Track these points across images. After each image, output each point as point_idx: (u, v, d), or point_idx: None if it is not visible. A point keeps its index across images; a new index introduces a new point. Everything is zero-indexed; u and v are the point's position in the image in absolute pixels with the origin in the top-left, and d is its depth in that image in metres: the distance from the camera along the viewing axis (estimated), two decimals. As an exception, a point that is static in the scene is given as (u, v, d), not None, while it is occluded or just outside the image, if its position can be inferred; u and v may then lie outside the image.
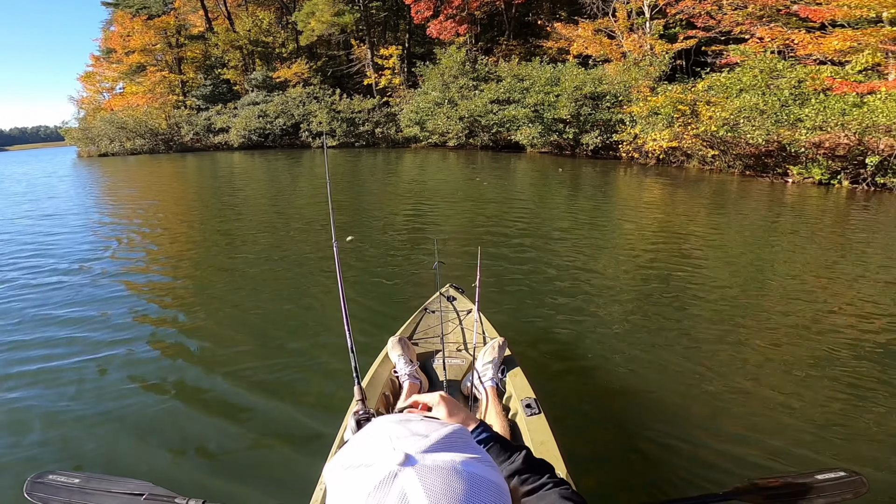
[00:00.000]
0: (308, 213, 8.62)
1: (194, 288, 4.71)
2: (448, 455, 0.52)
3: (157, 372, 3.13)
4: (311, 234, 6.71)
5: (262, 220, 8.04)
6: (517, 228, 7.08)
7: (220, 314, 4.02)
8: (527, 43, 21.58)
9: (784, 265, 5.29)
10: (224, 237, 6.86)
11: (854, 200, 9.85)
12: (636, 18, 16.72)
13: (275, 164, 17.18)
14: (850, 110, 10.30)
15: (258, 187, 11.87)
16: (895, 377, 3.06)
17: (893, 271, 5.04)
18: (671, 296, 4.32)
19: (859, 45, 11.36)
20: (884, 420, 2.63)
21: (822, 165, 11.50)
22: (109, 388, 2.99)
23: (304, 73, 26.15)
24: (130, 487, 1.48)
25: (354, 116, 22.46)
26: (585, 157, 16.91)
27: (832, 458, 2.33)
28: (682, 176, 13.11)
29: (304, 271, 5.03)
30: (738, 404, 2.75)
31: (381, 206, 9.15)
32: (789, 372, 3.07)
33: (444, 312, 2.65)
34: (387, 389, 2.11)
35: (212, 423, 2.61)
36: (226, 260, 5.69)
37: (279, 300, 4.25)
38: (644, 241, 6.35)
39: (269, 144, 23.91)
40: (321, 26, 25.56)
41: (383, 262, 5.36)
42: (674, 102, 13.34)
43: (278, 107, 24.23)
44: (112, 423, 2.64)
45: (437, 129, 19.90)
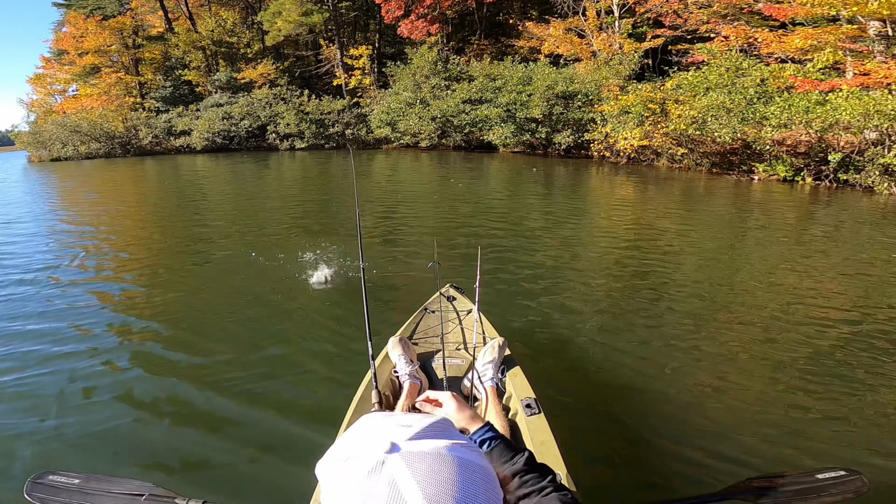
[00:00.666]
0: (280, 217, 8.44)
1: (169, 297, 4.57)
2: (432, 441, 0.54)
3: (150, 379, 3.13)
4: (285, 239, 6.55)
5: (230, 225, 7.82)
6: (500, 228, 7.12)
7: (202, 321, 3.98)
8: (498, 42, 21.78)
9: (760, 262, 5.43)
10: (192, 243, 6.64)
11: (817, 197, 10.27)
12: (605, 17, 17.07)
13: (241, 167, 16.78)
14: (814, 108, 10.69)
15: (225, 191, 11.57)
16: (875, 365, 3.15)
17: (856, 265, 5.26)
18: (669, 295, 4.38)
19: (819, 43, 11.84)
20: (879, 416, 2.65)
21: (787, 163, 11.93)
22: (107, 389, 3.01)
23: (271, 74, 25.69)
24: (131, 488, 1.47)
25: (324, 118, 22.17)
26: (557, 157, 17.12)
27: (826, 452, 2.36)
28: (652, 174, 13.41)
29: (278, 275, 4.94)
30: (738, 404, 2.77)
31: (354, 209, 8.93)
32: (788, 370, 3.11)
33: (444, 312, 2.66)
34: (387, 389, 2.13)
35: (210, 425, 2.63)
36: (197, 267, 5.52)
37: (258, 306, 4.21)
38: (631, 240, 6.47)
39: (234, 147, 23.36)
40: (288, 26, 25.18)
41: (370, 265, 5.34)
42: (644, 101, 13.64)
43: (243, 108, 23.73)
44: (110, 425, 2.65)
45: (409, 130, 19.82)
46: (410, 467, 0.52)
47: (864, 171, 10.68)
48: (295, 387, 2.97)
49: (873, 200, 9.68)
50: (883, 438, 2.47)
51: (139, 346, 3.60)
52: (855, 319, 3.83)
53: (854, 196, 10.19)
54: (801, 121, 10.86)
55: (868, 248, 6.01)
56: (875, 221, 7.71)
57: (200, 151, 23.24)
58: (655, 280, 4.79)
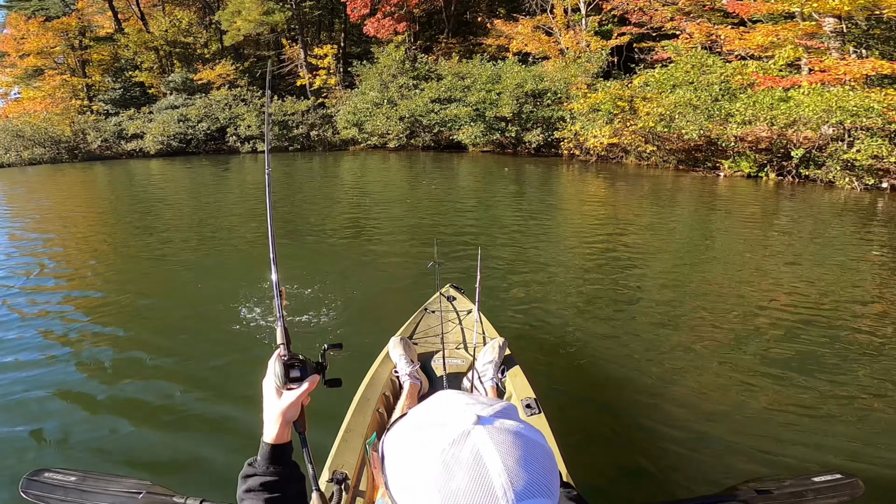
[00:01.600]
0: (243, 221, 8.22)
1: (157, 301, 4.58)
2: (509, 421, 0.58)
3: (147, 380, 3.18)
4: (252, 246, 6.45)
5: (190, 231, 7.64)
6: (486, 229, 7.18)
7: (191, 325, 4.03)
8: (466, 41, 21.89)
9: (762, 259, 5.61)
10: (150, 249, 6.48)
11: (781, 192, 10.68)
12: (573, 15, 17.38)
13: (200, 171, 16.27)
14: (778, 105, 11.05)
15: (183, 196, 11.15)
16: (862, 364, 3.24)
17: (822, 259, 5.56)
18: (669, 294, 4.45)
19: (779, 39, 12.29)
20: (870, 415, 2.73)
21: (750, 159, 12.31)
22: (106, 390, 3.08)
23: (230, 75, 25.05)
24: (128, 485, 1.47)
25: (287, 119, 21.71)
26: (527, 156, 17.27)
27: (824, 455, 2.41)
28: (622, 172, 13.70)
29: (248, 279, 4.93)
30: (739, 406, 2.82)
31: (323, 212, 8.85)
32: (788, 373, 3.18)
33: (444, 312, 2.70)
34: (387, 389, 2.15)
35: (208, 424, 2.68)
36: (180, 271, 5.48)
37: (247, 307, 4.25)
38: (618, 239, 6.62)
39: (191, 150, 22.60)
40: (248, 25, 24.66)
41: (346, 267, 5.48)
42: (613, 98, 13.86)
43: (201, 110, 23.02)
44: (109, 425, 2.70)
45: (377, 131, 19.62)
46: (493, 440, 0.55)
47: (825, 167, 11.12)
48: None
49: (835, 195, 10.11)
50: (878, 441, 2.50)
51: (127, 351, 3.61)
52: (835, 317, 3.95)
53: (816, 191, 10.63)
54: (765, 117, 11.21)
55: (834, 244, 6.32)
56: (837, 214, 8.16)
57: (154, 155, 22.41)
58: (655, 280, 4.86)
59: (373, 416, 1.96)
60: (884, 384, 3.02)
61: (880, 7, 9.72)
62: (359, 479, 1.65)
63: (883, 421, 2.68)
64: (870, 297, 4.41)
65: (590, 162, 15.52)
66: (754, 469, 2.29)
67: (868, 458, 2.39)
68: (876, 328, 3.78)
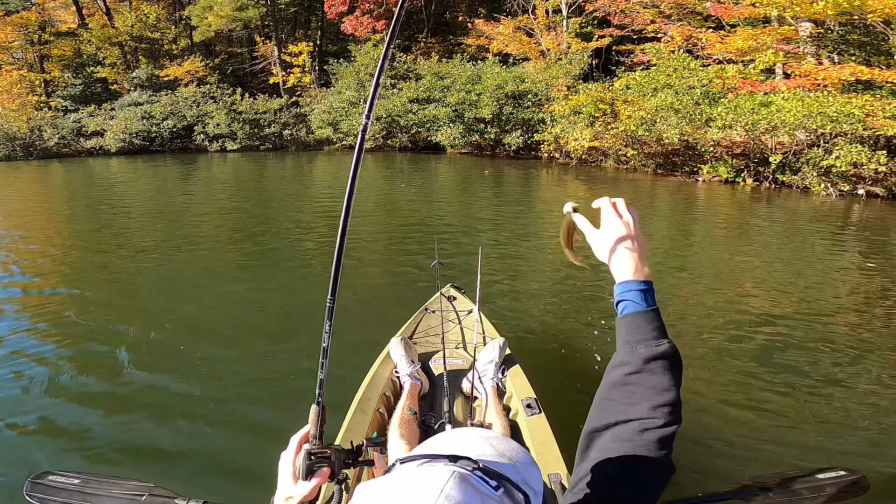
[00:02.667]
0: (212, 222, 7.94)
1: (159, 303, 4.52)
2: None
3: (149, 381, 3.22)
4: (220, 251, 6.26)
5: (157, 233, 7.33)
6: (473, 230, 7.18)
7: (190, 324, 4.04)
8: (446, 40, 21.81)
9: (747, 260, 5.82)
10: (119, 255, 6.20)
11: (758, 197, 10.81)
12: (554, 17, 17.45)
13: (163, 170, 15.69)
14: (759, 109, 11.12)
15: (145, 198, 10.62)
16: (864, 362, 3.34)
17: (797, 263, 5.80)
18: (667, 292, 4.59)
19: (758, 44, 12.46)
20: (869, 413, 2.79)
21: (728, 164, 12.39)
22: (101, 393, 3.11)
23: (199, 71, 24.43)
24: (130, 488, 1.50)
25: (259, 118, 21.20)
26: (506, 158, 17.20)
27: (826, 453, 2.45)
28: (602, 176, 13.70)
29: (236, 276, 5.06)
30: (739, 403, 2.89)
31: (296, 215, 8.60)
32: (785, 371, 3.28)
33: (444, 312, 2.74)
34: (387, 389, 2.19)
35: (211, 425, 2.72)
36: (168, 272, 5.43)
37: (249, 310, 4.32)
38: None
39: (156, 149, 21.87)
40: (220, 21, 24.12)
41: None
42: (595, 101, 13.85)
43: (166, 107, 22.35)
44: (112, 428, 2.74)
45: (353, 131, 19.29)
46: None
47: (801, 173, 11.24)
48: (295, 386, 3.07)
49: (811, 201, 10.23)
50: (882, 438, 2.53)
51: (135, 349, 3.61)
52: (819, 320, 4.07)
53: (792, 197, 10.75)
54: (747, 122, 11.26)
55: (810, 250, 6.52)
56: (815, 220, 8.33)
57: (116, 153, 21.62)
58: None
59: (373, 415, 1.99)
60: (882, 381, 3.11)
61: (864, 12, 9.87)
62: (359, 479, 1.67)
63: (885, 418, 2.72)
64: (853, 302, 4.57)
65: (570, 165, 15.49)
66: (758, 467, 2.29)
67: (872, 456, 2.41)
68: (868, 329, 3.92)
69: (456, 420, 2.06)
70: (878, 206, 9.81)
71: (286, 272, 5.22)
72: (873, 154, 9.82)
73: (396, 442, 1.76)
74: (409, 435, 1.82)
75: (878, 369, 3.29)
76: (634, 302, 0.84)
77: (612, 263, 0.88)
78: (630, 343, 0.82)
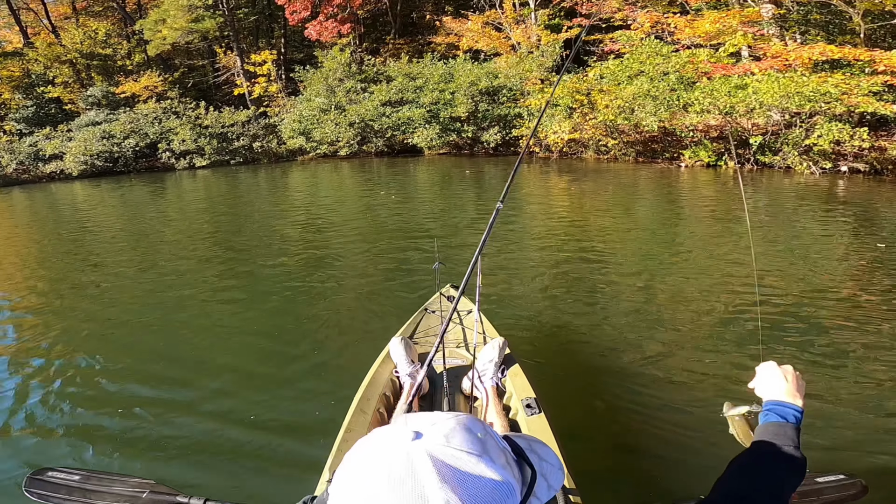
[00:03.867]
0: (187, 242, 7.75)
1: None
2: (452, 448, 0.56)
3: (151, 380, 3.31)
4: (197, 273, 6.07)
5: (132, 254, 7.20)
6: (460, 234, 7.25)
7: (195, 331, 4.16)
8: (415, 40, 21.73)
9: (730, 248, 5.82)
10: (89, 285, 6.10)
11: (742, 179, 11.05)
12: (522, 10, 17.58)
13: (130, 192, 15.20)
14: (735, 92, 11.39)
15: (114, 222, 10.24)
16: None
17: (782, 244, 5.85)
18: (666, 291, 4.56)
19: (725, 27, 12.78)
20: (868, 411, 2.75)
21: (708, 148, 12.69)
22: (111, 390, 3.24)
23: (158, 86, 23.82)
24: (132, 485, 1.50)
25: (226, 131, 20.74)
26: (485, 156, 17.27)
27: (825, 454, 2.45)
28: (584, 167, 13.87)
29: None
30: (733, 397, 2.88)
31: (274, 230, 8.41)
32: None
33: (444, 312, 2.78)
34: (387, 389, 2.22)
35: (212, 422, 2.77)
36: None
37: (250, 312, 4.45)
38: (608, 237, 6.81)
39: (120, 170, 21.19)
40: (175, 34, 23.53)
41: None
42: (571, 93, 14.01)
43: (126, 126, 21.68)
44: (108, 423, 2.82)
45: (326, 138, 19.09)
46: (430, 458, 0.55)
47: (781, 153, 11.58)
48: (295, 386, 3.13)
49: (795, 180, 10.57)
50: (881, 440, 2.54)
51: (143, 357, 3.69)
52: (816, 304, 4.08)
53: (776, 177, 11.07)
54: (724, 105, 11.52)
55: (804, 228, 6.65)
56: (803, 198, 8.61)
57: (78, 177, 20.86)
58: (650, 277, 4.98)
59: (373, 415, 2.01)
60: (877, 377, 3.08)
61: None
62: None
63: (883, 416, 2.72)
64: (850, 286, 4.56)
65: (551, 159, 15.64)
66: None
67: (870, 459, 2.43)
68: (870, 320, 3.88)
69: None
70: (860, 181, 10.21)
71: (268, 286, 5.24)
72: (855, 131, 10.14)
73: None
74: None
75: (878, 363, 3.24)
76: (780, 415, 1.09)
77: (766, 389, 1.16)
78: (772, 436, 1.05)
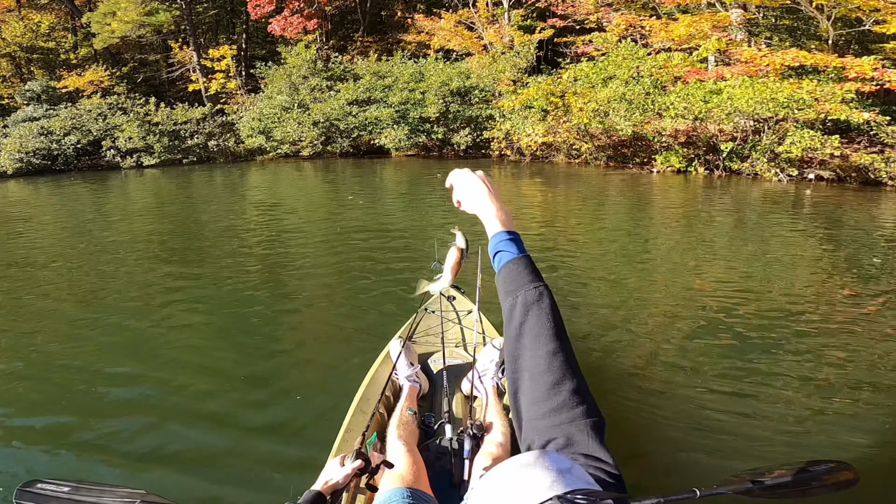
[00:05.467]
0: (133, 245, 7.28)
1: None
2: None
3: (150, 384, 3.33)
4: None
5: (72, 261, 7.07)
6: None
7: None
8: (384, 39, 21.31)
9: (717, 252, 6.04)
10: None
11: (712, 186, 11.17)
12: (495, 9, 17.47)
13: (70, 192, 14.11)
14: (710, 98, 11.40)
15: (52, 226, 9.34)
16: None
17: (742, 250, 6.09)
18: (664, 290, 4.72)
19: (697, 31, 12.91)
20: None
21: (679, 154, 12.67)
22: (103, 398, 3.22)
23: (104, 81, 22.54)
24: (122, 495, 1.53)
25: (179, 129, 19.69)
26: (455, 158, 16.93)
27: (818, 444, 2.57)
28: (556, 171, 13.75)
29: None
30: (736, 400, 2.98)
31: (231, 234, 7.90)
32: (781, 367, 3.38)
33: (444, 312, 2.80)
34: (387, 390, 2.24)
35: (207, 430, 2.80)
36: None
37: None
38: (593, 237, 6.99)
39: (59, 168, 19.77)
40: (125, 27, 22.37)
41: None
42: (545, 94, 13.81)
43: (67, 122, 20.35)
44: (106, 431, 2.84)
45: (288, 138, 18.34)
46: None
47: (750, 160, 11.64)
48: (293, 391, 3.14)
49: (764, 187, 10.65)
50: (871, 428, 2.64)
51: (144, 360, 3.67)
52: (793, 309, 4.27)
53: (745, 184, 11.16)
54: (700, 111, 11.51)
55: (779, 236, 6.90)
56: (771, 207, 8.83)
57: (13, 175, 19.34)
58: (648, 275, 5.16)
59: (373, 416, 2.02)
60: (864, 368, 3.26)
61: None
62: (354, 498, 1.69)
63: (872, 408, 2.85)
64: (818, 288, 4.83)
65: (523, 163, 15.39)
66: (743, 461, 2.40)
67: (862, 446, 2.51)
68: (842, 313, 4.14)
69: (455, 420, 2.08)
70: (824, 188, 10.40)
71: (225, 293, 5.11)
72: (826, 139, 10.22)
73: (395, 442, 1.79)
74: (408, 435, 1.86)
75: (860, 355, 3.44)
76: (508, 251, 0.90)
77: (481, 216, 0.98)
78: (511, 293, 0.86)
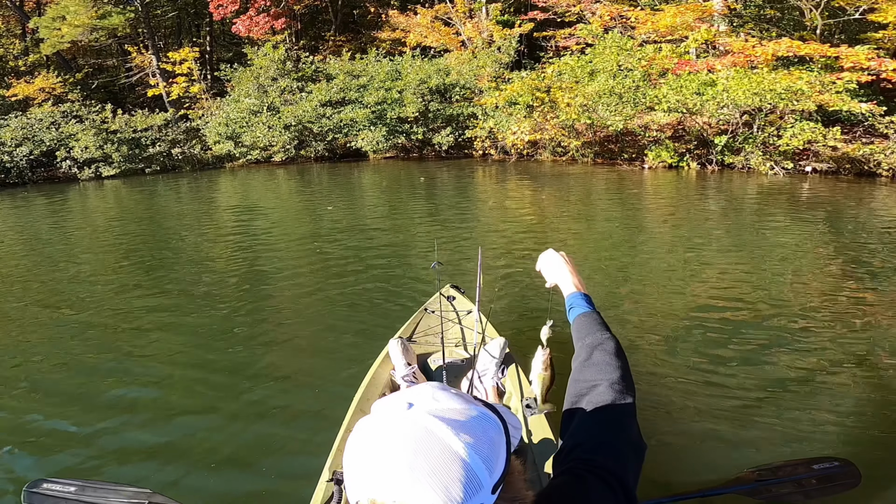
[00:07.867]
0: (97, 263, 7.02)
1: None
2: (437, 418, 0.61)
3: (150, 385, 3.41)
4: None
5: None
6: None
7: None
8: (358, 38, 20.73)
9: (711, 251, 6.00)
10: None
11: (707, 181, 11.02)
12: (473, 4, 17.13)
13: (24, 207, 13.14)
14: (705, 90, 11.19)
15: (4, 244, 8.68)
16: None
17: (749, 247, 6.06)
18: (664, 289, 4.74)
19: (683, 22, 12.76)
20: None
21: (670, 148, 12.47)
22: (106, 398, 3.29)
23: (56, 88, 21.38)
24: (129, 495, 1.54)
25: (139, 136, 18.74)
26: (436, 159, 16.49)
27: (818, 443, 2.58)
28: (543, 170, 13.47)
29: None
30: (735, 398, 2.99)
31: (200, 246, 7.64)
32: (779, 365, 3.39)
33: (444, 312, 2.86)
34: (387, 390, 2.38)
35: (210, 431, 2.84)
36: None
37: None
38: (598, 237, 6.99)
39: (12, 181, 18.60)
40: (75, 31, 21.28)
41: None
42: (531, 90, 13.47)
43: (18, 132, 19.17)
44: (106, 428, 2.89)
45: (258, 143, 17.62)
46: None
47: (743, 153, 11.50)
48: (293, 391, 3.18)
49: (759, 181, 10.50)
50: (874, 426, 2.67)
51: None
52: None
53: (740, 178, 11.00)
54: (694, 103, 11.30)
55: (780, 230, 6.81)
56: (772, 201, 8.73)
57: (-42, 191, 18.09)
58: (645, 274, 5.17)
59: None
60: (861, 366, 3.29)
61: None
62: None
63: (872, 404, 2.87)
64: (818, 284, 4.83)
65: (508, 162, 15.03)
66: (747, 460, 2.37)
67: (864, 444, 2.53)
68: (842, 309, 4.16)
69: None
70: (818, 180, 10.36)
71: (198, 309, 4.96)
72: (828, 131, 10.10)
73: None
74: None
75: (859, 352, 3.47)
76: (580, 307, 1.12)
77: (560, 284, 1.24)
78: (581, 338, 1.05)
